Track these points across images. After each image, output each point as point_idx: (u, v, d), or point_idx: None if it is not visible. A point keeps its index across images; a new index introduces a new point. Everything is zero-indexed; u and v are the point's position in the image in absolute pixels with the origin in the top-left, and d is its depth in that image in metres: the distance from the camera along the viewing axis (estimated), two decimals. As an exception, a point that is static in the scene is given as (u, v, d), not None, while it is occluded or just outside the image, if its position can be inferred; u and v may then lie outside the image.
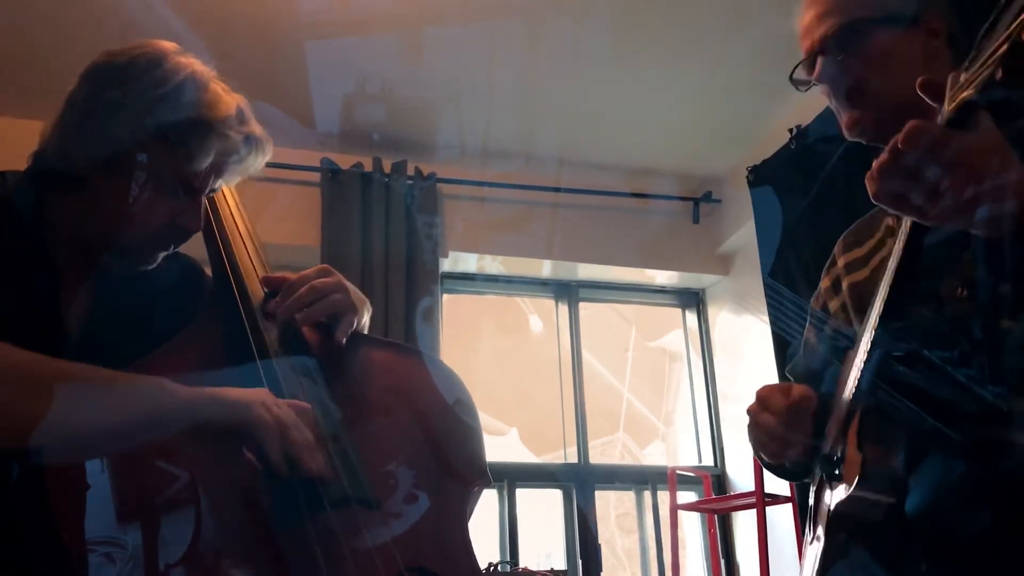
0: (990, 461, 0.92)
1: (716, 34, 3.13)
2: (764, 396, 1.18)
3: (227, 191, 1.28)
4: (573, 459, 3.87)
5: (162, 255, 1.14)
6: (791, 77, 1.27)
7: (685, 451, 4.20)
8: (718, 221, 4.14)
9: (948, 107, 0.87)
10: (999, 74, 0.82)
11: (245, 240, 1.23)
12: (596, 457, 3.93)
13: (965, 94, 0.85)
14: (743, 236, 3.90)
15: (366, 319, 1.27)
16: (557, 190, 3.90)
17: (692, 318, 4.36)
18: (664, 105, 3.57)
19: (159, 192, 1.08)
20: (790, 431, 1.13)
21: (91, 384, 0.91)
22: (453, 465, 1.16)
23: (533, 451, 6.12)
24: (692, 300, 4.37)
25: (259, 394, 0.97)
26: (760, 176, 3.64)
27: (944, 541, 0.92)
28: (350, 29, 2.98)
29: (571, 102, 3.54)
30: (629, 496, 4.19)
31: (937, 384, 0.96)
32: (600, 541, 3.69)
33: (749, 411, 1.21)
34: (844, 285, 1.26)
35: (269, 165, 3.89)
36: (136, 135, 1.06)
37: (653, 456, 6.36)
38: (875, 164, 0.89)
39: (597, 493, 3.82)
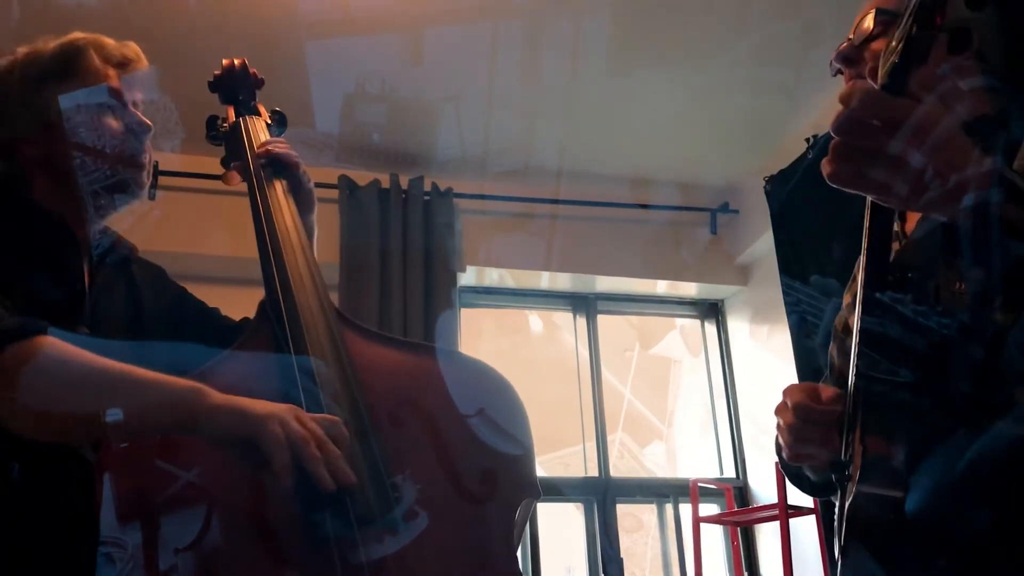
0: (980, 435, 0.91)
1: (732, 45, 3.14)
2: (790, 393, 1.17)
3: (286, 209, 1.32)
4: (593, 472, 3.85)
5: (145, 174, 1.25)
6: (831, 61, 1.27)
7: (706, 463, 4.18)
8: (736, 231, 4.13)
9: (881, 74, 0.88)
10: (914, 30, 0.83)
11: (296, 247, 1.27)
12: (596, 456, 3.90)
13: (892, 60, 0.85)
14: (761, 246, 3.89)
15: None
16: (573, 203, 3.91)
17: (711, 329, 4.35)
18: (680, 116, 3.58)
19: (104, 116, 1.20)
20: (810, 431, 1.11)
21: (133, 384, 0.98)
22: (499, 477, 1.12)
23: (551, 465, 6.10)
24: (711, 311, 4.35)
25: (282, 409, 0.97)
26: (777, 186, 3.63)
27: (947, 540, 0.91)
28: (355, 32, 2.98)
29: (586, 115, 3.55)
30: (630, 508, 4.16)
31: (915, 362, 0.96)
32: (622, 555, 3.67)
33: (776, 410, 1.19)
34: (859, 300, 1.26)
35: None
36: (51, 91, 1.19)
37: (653, 456, 6.33)
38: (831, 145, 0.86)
39: (588, 506, 3.80)
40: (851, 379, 1.03)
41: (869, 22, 1.17)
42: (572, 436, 3.90)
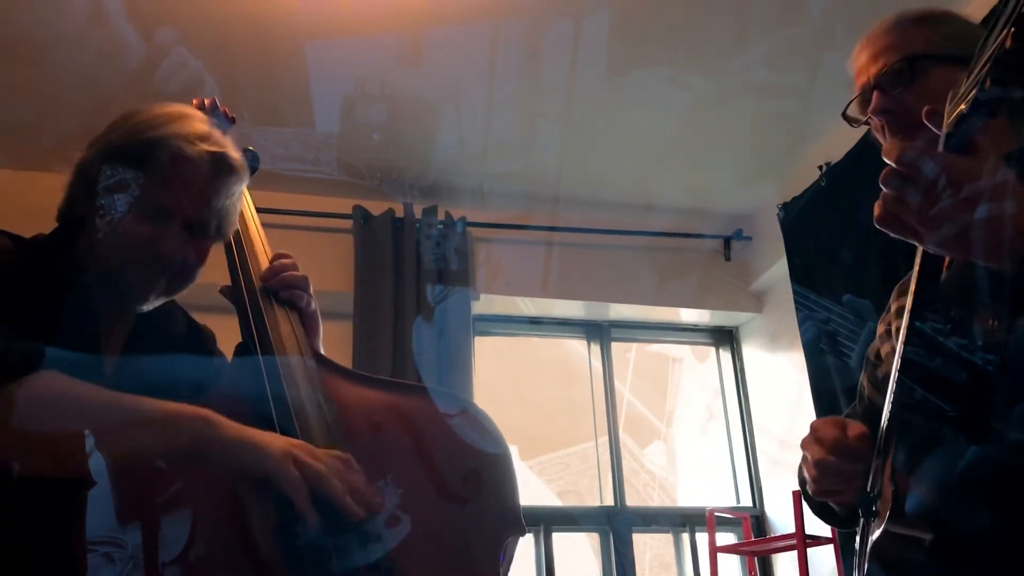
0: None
1: (744, 72, 3.15)
2: (817, 427, 1.15)
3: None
4: (609, 501, 3.83)
5: (153, 289, 1.18)
6: (844, 114, 1.28)
7: (722, 492, 4.14)
8: (750, 258, 4.12)
9: (946, 121, 0.87)
10: (987, 83, 0.82)
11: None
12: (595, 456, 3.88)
13: (960, 108, 0.85)
14: (775, 273, 3.88)
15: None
16: (586, 231, 3.92)
17: (726, 356, 4.33)
18: (693, 143, 3.59)
19: (135, 221, 1.14)
20: (838, 467, 1.10)
21: (141, 411, 0.96)
22: (484, 516, 1.12)
23: (552, 465, 6.07)
24: (725, 338, 4.34)
25: (293, 445, 0.98)
26: (791, 213, 3.63)
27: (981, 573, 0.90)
28: (355, 32, 2.97)
29: (601, 142, 3.57)
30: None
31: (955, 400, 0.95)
32: (638, 585, 3.63)
33: (802, 443, 1.18)
34: (894, 329, 1.25)
35: (302, 213, 3.92)
36: (112, 172, 1.14)
37: (653, 456, 6.30)
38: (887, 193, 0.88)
39: (603, 536, 3.77)
40: (886, 411, 1.03)
41: (896, 68, 1.17)
42: (571, 437, 3.88)
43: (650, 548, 5.50)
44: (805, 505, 1.38)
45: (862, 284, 3.02)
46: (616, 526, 3.72)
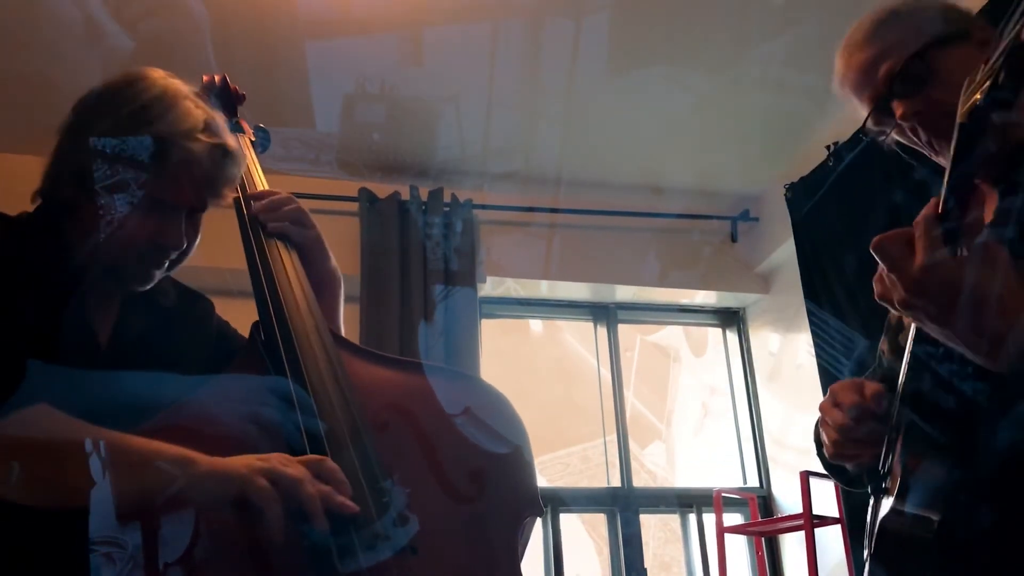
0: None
1: (752, 52, 3.13)
2: (836, 391, 1.15)
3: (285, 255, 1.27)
4: (616, 483, 3.84)
5: (156, 273, 1.18)
6: (864, 129, 1.22)
7: (729, 472, 4.15)
8: (757, 239, 4.11)
9: (960, 111, 0.85)
10: (1001, 77, 0.81)
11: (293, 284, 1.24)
12: (599, 457, 3.90)
13: (976, 98, 0.83)
14: (782, 254, 3.87)
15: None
16: (592, 213, 3.91)
17: (733, 337, 4.32)
18: (700, 124, 3.57)
19: (137, 214, 1.13)
20: (856, 430, 1.10)
21: (124, 455, 0.96)
22: (502, 496, 1.11)
23: (551, 465, 6.07)
24: (732, 319, 4.33)
25: (269, 459, 0.96)
26: (798, 193, 3.61)
27: (987, 561, 0.90)
28: (355, 32, 2.97)
29: (607, 123, 3.55)
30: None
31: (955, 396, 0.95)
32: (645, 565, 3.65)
33: (821, 407, 1.17)
34: None
35: (307, 196, 3.91)
36: (109, 164, 1.12)
37: (653, 455, 6.31)
38: (882, 272, 0.95)
39: (602, 517, 3.78)
40: (899, 386, 1.03)
41: (908, 69, 1.13)
42: (572, 437, 3.88)
43: (651, 549, 5.49)
44: (813, 482, 1.38)
45: (872, 264, 3.01)
46: (624, 507, 3.73)
